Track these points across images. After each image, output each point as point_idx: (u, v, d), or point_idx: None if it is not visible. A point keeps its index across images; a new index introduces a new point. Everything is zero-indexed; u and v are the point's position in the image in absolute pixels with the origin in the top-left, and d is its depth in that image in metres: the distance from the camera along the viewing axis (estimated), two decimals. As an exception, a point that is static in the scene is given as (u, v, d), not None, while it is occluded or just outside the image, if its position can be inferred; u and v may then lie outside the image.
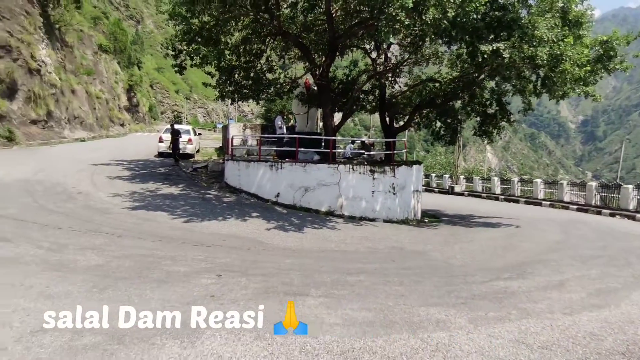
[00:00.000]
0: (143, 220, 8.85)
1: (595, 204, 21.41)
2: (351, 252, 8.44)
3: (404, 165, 13.89)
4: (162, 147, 20.30)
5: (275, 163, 13.07)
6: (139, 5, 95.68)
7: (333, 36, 13.66)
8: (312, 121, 17.13)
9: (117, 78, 51.40)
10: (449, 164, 42.81)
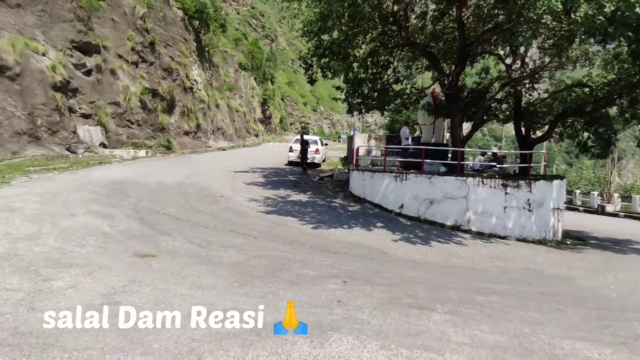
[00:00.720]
0: (275, 224, 9.55)
1: None
2: (480, 270, 7.94)
3: (542, 180, 12.58)
4: (292, 156, 21.67)
5: (399, 174, 12.97)
6: (274, 26, 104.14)
7: (464, 43, 13.12)
8: (439, 132, 16.59)
9: (253, 92, 56.66)
10: (598, 180, 37.49)
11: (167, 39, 27.96)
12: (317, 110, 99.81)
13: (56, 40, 18.48)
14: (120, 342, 3.55)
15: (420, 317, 4.69)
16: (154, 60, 25.52)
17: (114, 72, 21.67)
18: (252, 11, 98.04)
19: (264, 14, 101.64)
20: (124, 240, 6.66)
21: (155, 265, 5.58)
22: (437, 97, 15.35)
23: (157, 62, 25.93)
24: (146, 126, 23.47)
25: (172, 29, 29.28)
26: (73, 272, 4.99)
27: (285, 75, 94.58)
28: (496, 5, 11.91)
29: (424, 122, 16.22)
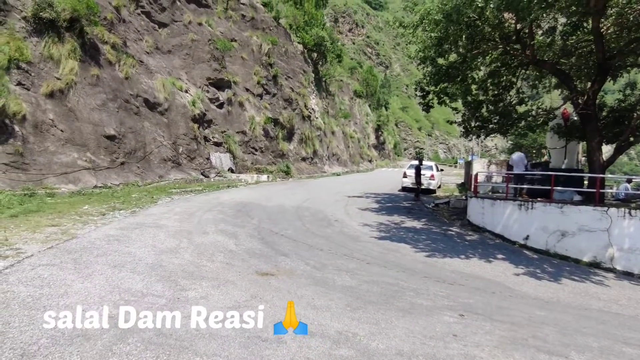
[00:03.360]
0: (388, 250, 9.47)
1: None
2: (628, 316, 6.82)
3: None
4: (406, 182, 21.39)
5: (524, 202, 11.93)
6: (388, 52, 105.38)
7: (603, 57, 11.77)
8: (571, 156, 14.94)
9: (367, 119, 57.63)
10: None
11: (288, 71, 30.20)
12: (432, 134, 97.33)
13: (196, 79, 21.27)
14: (244, 354, 3.85)
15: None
16: (276, 92, 27.71)
17: (242, 104, 24.04)
18: (367, 40, 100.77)
19: (379, 42, 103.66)
20: (247, 258, 7.23)
21: (274, 284, 5.94)
22: (568, 118, 13.92)
23: (279, 93, 28.09)
24: (268, 152, 25.39)
25: (293, 62, 31.57)
26: (204, 284, 5.58)
27: (399, 100, 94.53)
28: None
29: (554, 145, 14.81)
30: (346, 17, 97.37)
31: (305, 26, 35.31)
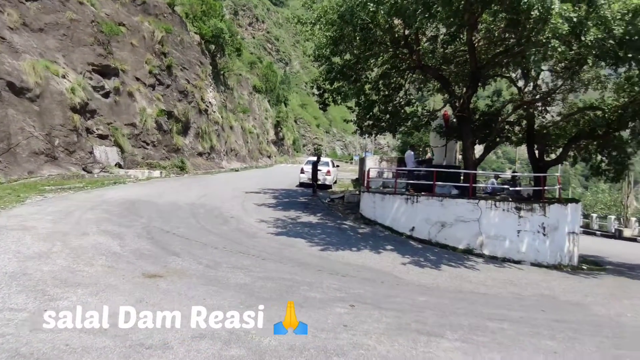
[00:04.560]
0: (284, 245, 9.53)
1: None
2: (492, 295, 7.78)
3: (557, 204, 12.38)
4: (303, 177, 21.73)
5: (410, 196, 12.91)
6: (288, 49, 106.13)
7: (475, 66, 13.21)
8: (451, 154, 16.55)
9: (267, 115, 57.42)
10: (615, 204, 36.73)
11: (184, 62, 28.68)
12: (330, 132, 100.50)
13: (76, 63, 19.07)
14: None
15: (429, 344, 4.60)
16: (170, 83, 26.12)
17: (132, 95, 22.21)
18: (267, 35, 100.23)
19: (279, 38, 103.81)
20: (133, 260, 6.70)
21: (163, 286, 5.60)
22: (448, 120, 15.38)
23: (174, 84, 26.53)
24: (161, 147, 23.86)
25: (189, 53, 30.05)
26: (80, 291, 5.03)
27: (299, 97, 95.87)
28: (506, 29, 12.03)
29: (436, 144, 16.22)
30: (246, 11, 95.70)
31: (203, 16, 33.77)
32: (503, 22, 11.52)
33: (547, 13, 8.25)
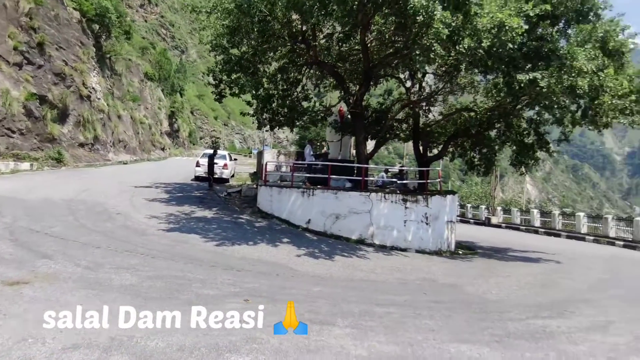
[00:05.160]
0: (177, 242, 9.05)
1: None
2: (381, 282, 8.28)
3: (438, 195, 13.64)
4: (199, 171, 20.89)
5: (306, 190, 13.16)
6: (184, 36, 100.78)
7: (368, 65, 13.86)
8: (346, 149, 17.22)
9: (160, 104, 53.92)
10: (485, 195, 41.70)
11: (60, 41, 25.48)
12: (228, 124, 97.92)
13: None
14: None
15: (321, 333, 4.71)
16: (43, 64, 23.03)
17: (-9, 74, 19.16)
18: (161, 20, 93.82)
19: (174, 24, 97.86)
20: (-10, 266, 5.79)
21: (28, 293, 4.93)
22: (344, 116, 15.96)
23: (47, 65, 23.44)
24: (32, 136, 20.98)
25: (67, 31, 26.79)
26: None
27: (196, 87, 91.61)
28: (395, 32, 12.81)
29: (332, 139, 16.74)
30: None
31: (84, -9, 30.39)
32: (393, 25, 12.25)
33: (430, 18, 8.97)
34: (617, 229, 22.85)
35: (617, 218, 24.85)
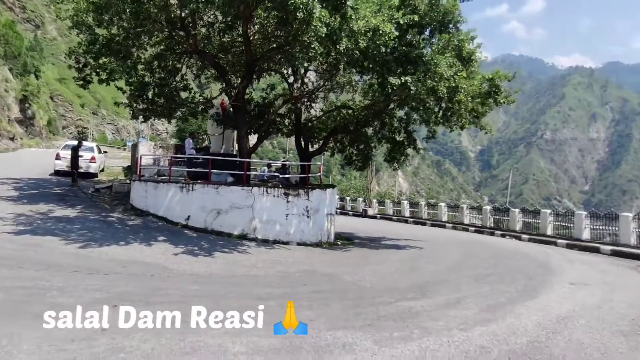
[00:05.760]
0: (27, 246, 7.88)
1: (490, 226, 23.56)
2: (262, 276, 8.28)
3: (318, 189, 14.13)
4: (59, 164, 18.50)
5: (186, 184, 12.54)
6: (39, 9, 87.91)
7: (250, 59, 13.68)
8: (228, 143, 16.82)
9: (7, 86, 46.26)
10: (363, 188, 44.54)
11: None
12: (99, 113, 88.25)
13: None
14: None
15: (198, 333, 4.52)
16: None
17: None
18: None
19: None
20: None
21: None
22: (226, 108, 15.54)
23: None
24: None
25: None
26: None
27: (57, 69, 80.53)
28: (278, 27, 12.85)
29: (213, 132, 16.21)
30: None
31: None
32: (275, 19, 12.26)
33: (310, 16, 9.18)
34: (470, 217, 26.30)
35: (471, 207, 28.62)
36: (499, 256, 13.43)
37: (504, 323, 5.85)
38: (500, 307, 6.71)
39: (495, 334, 5.35)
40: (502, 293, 7.82)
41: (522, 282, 8.99)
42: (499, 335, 5.30)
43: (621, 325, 5.99)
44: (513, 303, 7.02)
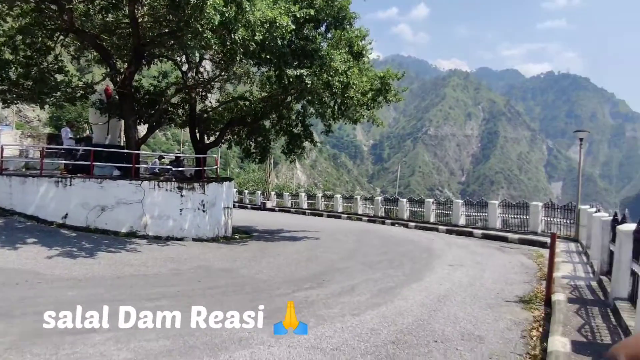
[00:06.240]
0: None
1: (381, 215, 25.14)
2: (152, 275, 7.79)
3: (215, 182, 13.69)
4: None
5: (63, 179, 11.22)
6: None
7: (138, 42, 12.65)
8: (114, 133, 15.40)
9: None
10: (261, 181, 44.34)
11: None
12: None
13: None
14: None
15: (75, 344, 4.13)
16: None
17: None
18: None
19: None
20: None
21: None
22: (111, 95, 14.21)
23: None
24: None
25: None
26: None
27: None
28: (170, 11, 12.05)
29: (96, 121, 14.74)
30: None
31: None
32: (166, 2, 11.48)
33: (203, 2, 8.78)
34: (364, 207, 27.76)
35: (364, 198, 30.22)
36: (389, 243, 14.40)
37: (392, 305, 6.30)
38: (390, 291, 7.21)
39: (385, 316, 5.73)
40: (392, 277, 8.41)
41: (408, 267, 9.76)
42: (388, 317, 5.68)
43: (488, 299, 6.84)
44: (401, 286, 7.59)
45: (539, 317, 5.93)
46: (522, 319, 5.86)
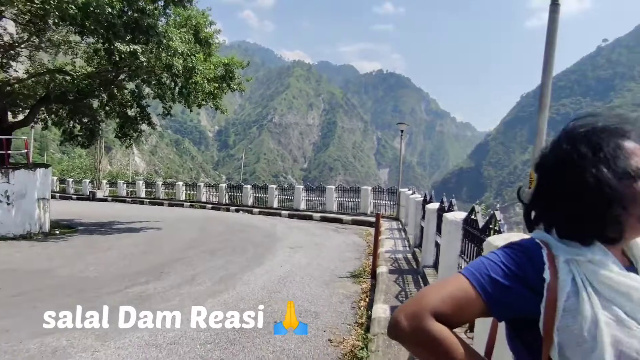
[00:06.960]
0: None
1: (226, 202, 24.77)
2: None
3: (24, 169, 11.52)
4: None
5: None
6: None
7: None
8: None
9: None
10: (90, 168, 39.19)
11: None
12: None
13: None
14: None
15: None
16: None
17: None
18: None
19: None
20: None
21: None
22: None
23: None
24: None
25: None
26: None
27: None
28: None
29: None
30: None
31: None
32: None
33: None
34: (208, 195, 26.90)
35: (208, 185, 29.25)
36: (233, 230, 14.26)
37: (235, 291, 6.25)
38: (232, 277, 7.14)
39: (227, 302, 5.65)
40: (234, 264, 8.34)
41: (251, 252, 9.82)
42: (229, 303, 5.62)
43: (324, 277, 7.33)
44: (243, 272, 7.58)
45: (366, 289, 6.61)
46: (353, 292, 6.45)
